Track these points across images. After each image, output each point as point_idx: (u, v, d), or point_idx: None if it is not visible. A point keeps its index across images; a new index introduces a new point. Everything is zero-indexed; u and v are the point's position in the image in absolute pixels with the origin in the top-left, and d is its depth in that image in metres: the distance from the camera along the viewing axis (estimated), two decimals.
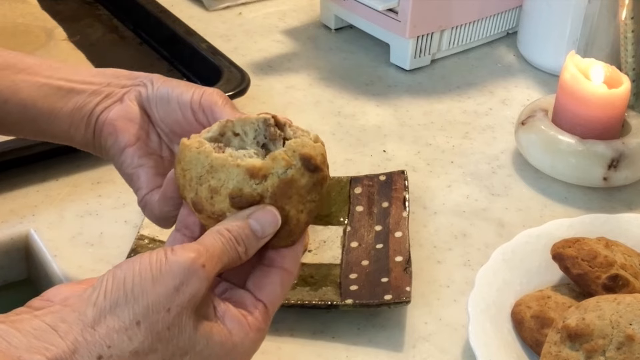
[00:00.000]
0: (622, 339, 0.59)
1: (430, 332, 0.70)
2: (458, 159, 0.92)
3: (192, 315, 0.46)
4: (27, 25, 1.05)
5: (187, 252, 0.46)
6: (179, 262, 0.46)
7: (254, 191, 0.49)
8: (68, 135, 0.64)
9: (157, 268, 0.45)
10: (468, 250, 0.79)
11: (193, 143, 0.50)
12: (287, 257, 0.52)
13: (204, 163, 0.49)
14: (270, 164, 0.49)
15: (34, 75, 0.63)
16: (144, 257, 0.46)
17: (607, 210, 0.83)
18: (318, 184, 0.50)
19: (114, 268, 0.46)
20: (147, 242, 0.73)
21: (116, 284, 0.45)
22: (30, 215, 0.79)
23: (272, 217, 0.49)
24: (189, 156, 0.50)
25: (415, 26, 1.03)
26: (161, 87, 0.62)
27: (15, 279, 0.80)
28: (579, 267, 0.68)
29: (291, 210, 0.50)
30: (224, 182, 0.49)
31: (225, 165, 0.49)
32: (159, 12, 1.09)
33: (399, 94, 1.03)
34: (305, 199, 0.50)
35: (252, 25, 1.17)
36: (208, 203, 0.50)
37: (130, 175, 0.62)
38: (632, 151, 0.85)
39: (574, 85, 0.86)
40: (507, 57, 1.13)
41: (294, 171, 0.49)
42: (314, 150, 0.50)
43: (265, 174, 0.49)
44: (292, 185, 0.49)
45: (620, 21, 0.91)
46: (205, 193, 0.50)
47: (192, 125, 0.61)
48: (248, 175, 0.49)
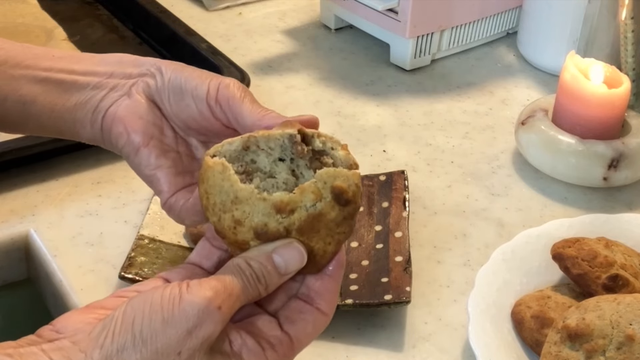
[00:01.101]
0: (622, 339, 0.59)
1: (430, 332, 0.70)
2: (458, 159, 0.92)
3: (204, 356, 0.43)
4: (27, 25, 1.05)
5: (203, 291, 0.43)
6: (194, 304, 0.43)
7: (279, 225, 0.46)
8: (74, 132, 0.60)
9: (170, 309, 0.43)
10: (468, 250, 0.79)
11: (217, 165, 0.47)
12: (325, 299, 0.48)
13: (228, 192, 0.46)
14: (299, 197, 0.45)
15: (33, 69, 0.60)
16: (156, 295, 0.43)
17: (607, 210, 0.83)
18: (349, 217, 0.47)
19: (126, 304, 0.44)
20: (147, 242, 0.73)
21: (125, 325, 0.43)
22: (30, 215, 0.79)
23: (298, 255, 0.46)
24: (212, 180, 0.47)
25: (415, 26, 1.03)
26: (172, 78, 0.57)
27: (15, 279, 0.80)
28: (579, 267, 0.68)
29: (318, 243, 0.47)
30: (249, 215, 0.46)
31: (250, 199, 0.46)
32: (159, 12, 1.09)
33: (399, 94, 1.03)
34: (334, 232, 0.47)
35: (252, 25, 1.17)
36: (231, 232, 0.47)
37: (149, 177, 0.57)
38: (632, 151, 0.85)
39: (574, 85, 0.86)
40: (507, 57, 1.13)
41: (324, 204, 0.46)
42: (347, 180, 0.46)
43: (293, 208, 0.45)
44: (320, 220, 0.46)
45: (620, 21, 0.91)
46: (229, 222, 0.47)
47: (210, 121, 0.56)
48: (274, 210, 0.45)
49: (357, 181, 0.47)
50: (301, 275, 0.48)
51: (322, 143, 0.48)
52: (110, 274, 0.73)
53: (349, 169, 0.48)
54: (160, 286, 0.44)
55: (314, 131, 0.49)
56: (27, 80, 0.59)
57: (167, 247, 0.74)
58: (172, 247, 0.74)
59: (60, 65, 0.60)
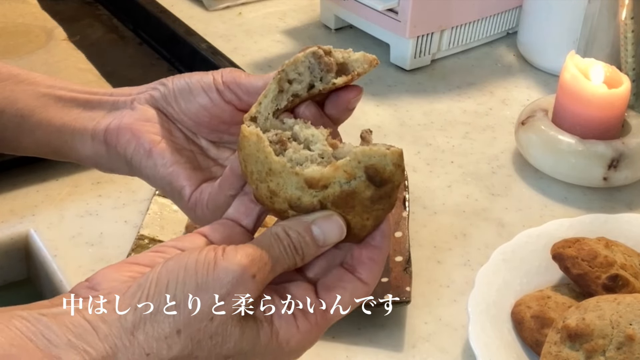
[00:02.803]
0: (622, 339, 0.59)
1: (430, 332, 0.70)
2: (458, 159, 0.92)
3: (237, 323, 0.43)
4: (27, 25, 1.05)
5: (239, 258, 0.43)
6: (228, 270, 0.42)
7: (313, 198, 0.45)
8: (71, 148, 0.59)
9: (204, 274, 0.42)
10: (468, 250, 0.79)
11: (252, 136, 0.46)
12: (367, 268, 0.47)
13: (263, 163, 0.46)
14: (331, 174, 0.45)
15: (35, 86, 0.59)
16: (191, 259, 0.43)
17: (607, 210, 0.83)
18: (386, 196, 0.46)
19: (161, 266, 0.44)
20: (147, 242, 0.74)
21: (159, 288, 0.43)
22: (30, 215, 0.79)
23: (337, 228, 0.46)
24: (247, 149, 0.47)
25: (415, 26, 1.03)
26: (176, 82, 0.58)
27: (15, 279, 0.80)
28: (579, 267, 0.68)
29: (355, 218, 0.46)
30: (283, 187, 0.46)
31: (283, 172, 0.45)
32: (159, 12, 1.09)
33: (399, 94, 1.03)
34: (371, 209, 0.46)
35: (252, 25, 1.17)
36: (268, 201, 0.47)
37: (167, 176, 0.56)
38: (632, 151, 0.85)
39: (574, 85, 0.86)
40: (507, 57, 1.13)
41: (358, 183, 0.45)
42: (384, 160, 0.44)
43: (326, 184, 0.45)
44: (354, 197, 0.45)
45: (620, 21, 0.91)
46: (265, 191, 0.46)
47: (221, 106, 0.56)
48: (306, 185, 0.45)
49: (395, 160, 0.45)
50: (346, 244, 0.48)
51: (341, 54, 0.51)
52: None
53: (370, 65, 0.51)
54: (196, 249, 0.44)
55: (330, 47, 0.51)
56: (27, 95, 0.59)
57: None
58: None
59: (62, 84, 0.60)
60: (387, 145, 0.45)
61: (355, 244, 0.48)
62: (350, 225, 0.46)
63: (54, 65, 0.96)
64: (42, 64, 0.96)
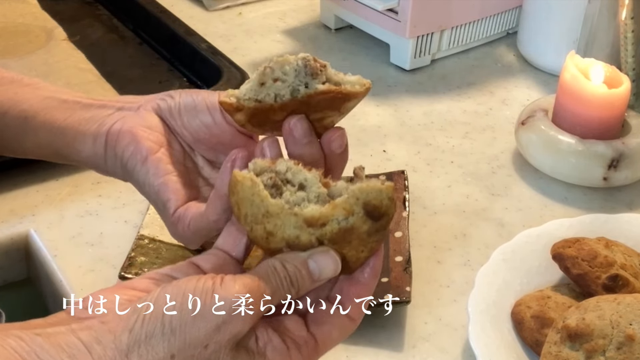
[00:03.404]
0: (622, 339, 0.59)
1: (430, 332, 0.70)
2: (458, 159, 0.92)
3: (230, 352, 0.44)
4: (27, 25, 1.05)
5: (237, 287, 0.44)
6: (226, 299, 0.43)
7: (311, 236, 0.46)
8: (72, 150, 0.60)
9: (201, 303, 0.43)
10: (468, 250, 0.79)
11: (245, 180, 0.47)
12: (355, 306, 0.48)
13: (259, 206, 0.46)
14: (330, 212, 0.46)
15: (40, 89, 0.60)
16: (189, 286, 0.44)
17: (607, 210, 0.83)
18: (382, 228, 0.47)
19: (158, 291, 0.44)
20: (147, 242, 0.73)
21: (156, 312, 0.43)
22: (30, 215, 0.79)
23: (333, 264, 0.47)
24: (242, 193, 0.47)
25: (415, 26, 1.03)
26: (183, 96, 0.58)
27: (15, 279, 0.80)
28: (579, 267, 0.68)
29: (350, 252, 0.47)
30: (281, 228, 0.46)
31: (281, 214, 0.46)
32: (159, 12, 1.09)
33: (399, 94, 1.03)
34: (367, 241, 0.47)
35: (252, 25, 1.17)
36: (264, 241, 0.47)
37: (157, 185, 0.57)
38: (632, 151, 0.85)
39: (574, 85, 0.86)
40: (507, 57, 1.13)
41: (355, 219, 0.46)
42: (380, 195, 0.46)
43: (324, 222, 0.46)
44: (352, 232, 0.46)
45: (620, 21, 0.91)
46: (261, 233, 0.47)
47: (222, 127, 0.57)
48: (305, 224, 0.46)
49: (390, 194, 0.46)
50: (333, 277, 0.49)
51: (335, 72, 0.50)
52: (110, 274, 0.73)
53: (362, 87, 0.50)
54: (194, 277, 0.44)
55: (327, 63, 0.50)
56: (31, 96, 0.59)
57: (167, 247, 0.74)
58: (172, 247, 0.74)
59: (66, 90, 0.60)
60: (381, 180, 0.47)
61: (346, 275, 0.49)
62: (346, 258, 0.47)
63: (54, 65, 0.96)
64: (42, 64, 0.96)
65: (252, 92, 0.50)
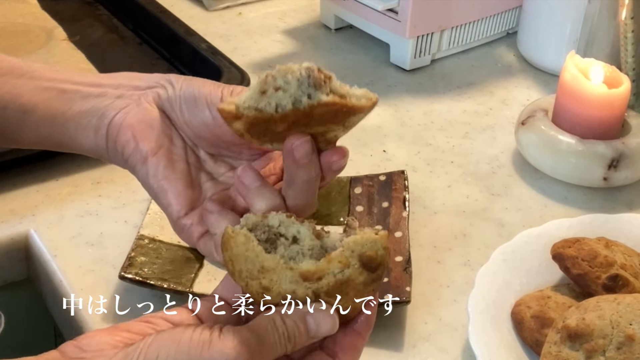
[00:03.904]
0: (622, 339, 0.59)
1: (430, 332, 0.70)
2: (458, 159, 0.92)
3: None
4: (27, 25, 1.05)
5: (236, 341, 0.43)
6: (222, 353, 0.43)
7: (307, 290, 0.46)
8: (74, 142, 0.58)
9: (197, 353, 0.43)
10: (468, 250, 0.79)
11: (239, 236, 0.47)
12: (348, 355, 0.48)
13: (254, 262, 0.46)
14: (326, 266, 0.46)
15: (36, 79, 0.58)
16: (185, 335, 0.43)
17: (607, 210, 0.83)
18: (378, 278, 0.47)
19: (152, 338, 0.44)
20: (147, 242, 0.73)
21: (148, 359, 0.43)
22: (30, 215, 0.79)
23: (331, 323, 0.47)
24: (235, 250, 0.47)
25: (415, 26, 1.03)
26: (185, 87, 0.56)
27: (15, 279, 0.80)
28: (579, 267, 0.68)
29: (347, 302, 0.47)
30: (277, 283, 0.46)
31: (277, 268, 0.46)
32: (159, 12, 1.09)
33: (399, 94, 1.03)
34: (363, 292, 0.47)
35: (252, 25, 1.17)
36: (259, 296, 0.47)
37: (156, 188, 0.56)
38: (632, 151, 0.85)
39: (574, 85, 0.86)
40: (507, 57, 1.13)
41: (352, 271, 0.46)
42: (375, 246, 0.46)
43: (320, 276, 0.46)
44: (348, 284, 0.46)
45: (620, 21, 0.91)
46: (257, 288, 0.47)
47: (222, 128, 0.54)
48: (301, 279, 0.46)
49: (384, 244, 0.46)
50: None
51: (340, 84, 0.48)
52: (110, 274, 0.73)
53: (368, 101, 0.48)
54: (191, 326, 0.44)
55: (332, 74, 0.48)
56: (29, 89, 0.58)
57: (167, 247, 0.74)
58: (172, 247, 0.74)
59: (64, 77, 0.58)
60: (374, 230, 0.47)
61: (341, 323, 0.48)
62: (342, 308, 0.47)
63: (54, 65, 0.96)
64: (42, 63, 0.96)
65: (252, 100, 0.48)
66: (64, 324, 0.74)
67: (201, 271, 0.73)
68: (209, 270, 0.73)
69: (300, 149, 0.49)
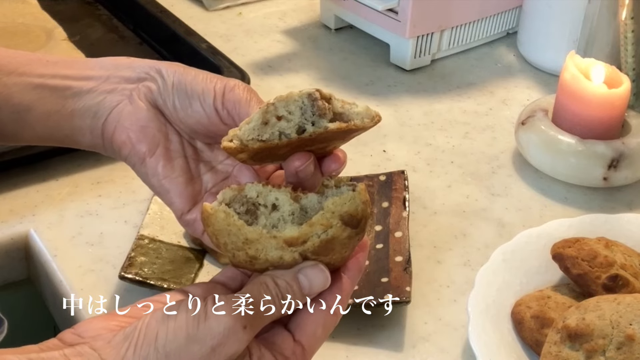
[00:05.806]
0: (622, 339, 0.59)
1: (430, 332, 0.70)
2: (458, 159, 0.92)
3: None
4: (27, 25, 1.05)
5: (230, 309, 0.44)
6: (220, 322, 0.43)
7: (294, 254, 0.47)
8: (72, 140, 0.58)
9: (195, 325, 0.43)
10: (468, 250, 0.79)
11: (218, 213, 0.47)
12: (334, 299, 0.49)
13: (237, 234, 0.46)
14: (308, 230, 0.46)
15: (26, 76, 0.57)
16: (181, 311, 0.44)
17: (607, 210, 0.83)
18: (361, 231, 0.48)
19: (151, 316, 0.44)
20: (147, 242, 0.73)
21: (148, 338, 0.43)
22: (30, 215, 0.79)
23: (323, 278, 0.47)
24: (217, 225, 0.47)
25: (415, 26, 1.03)
26: (176, 82, 0.56)
27: (15, 279, 0.80)
28: (579, 267, 0.68)
29: (335, 256, 0.48)
30: (262, 251, 0.47)
31: (260, 239, 0.46)
32: (159, 12, 1.09)
33: (399, 94, 1.03)
34: (349, 245, 0.48)
35: (252, 25, 1.17)
36: (248, 264, 0.48)
37: (157, 187, 0.56)
38: (632, 151, 0.85)
39: (574, 85, 0.86)
40: (507, 57, 1.13)
41: (335, 230, 0.46)
42: (354, 202, 0.46)
43: (305, 239, 0.46)
44: (333, 242, 0.47)
45: (620, 21, 0.91)
46: (244, 258, 0.47)
47: (217, 125, 0.55)
48: (286, 245, 0.46)
49: (363, 198, 0.47)
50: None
51: (341, 104, 0.48)
52: (110, 274, 0.73)
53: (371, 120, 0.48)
54: (185, 300, 0.44)
55: (332, 94, 0.48)
56: (20, 88, 0.57)
57: (167, 247, 0.74)
58: (172, 247, 0.74)
59: (53, 71, 0.58)
60: (350, 185, 0.47)
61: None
62: (331, 262, 0.48)
63: None
64: None
65: (256, 132, 0.48)
66: (64, 324, 0.74)
67: (201, 271, 0.73)
68: (209, 270, 0.73)
69: (304, 171, 0.50)
